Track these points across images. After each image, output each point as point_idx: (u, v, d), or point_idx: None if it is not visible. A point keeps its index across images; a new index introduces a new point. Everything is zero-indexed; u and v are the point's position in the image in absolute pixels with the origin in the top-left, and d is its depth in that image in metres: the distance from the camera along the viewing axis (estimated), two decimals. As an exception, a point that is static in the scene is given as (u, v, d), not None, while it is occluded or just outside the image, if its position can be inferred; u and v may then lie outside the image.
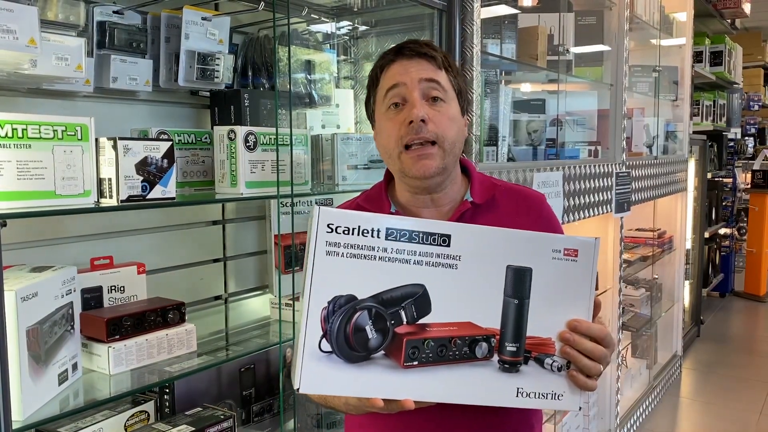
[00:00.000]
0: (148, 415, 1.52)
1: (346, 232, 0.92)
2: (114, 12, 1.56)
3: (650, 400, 3.86)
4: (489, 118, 2.35)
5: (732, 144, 6.53)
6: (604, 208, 2.98)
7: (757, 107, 7.15)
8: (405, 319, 0.94)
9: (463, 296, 0.97)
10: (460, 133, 1.20)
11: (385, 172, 1.29)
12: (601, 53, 3.18)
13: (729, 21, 5.79)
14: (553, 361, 1.00)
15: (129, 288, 1.59)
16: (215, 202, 1.85)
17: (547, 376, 1.00)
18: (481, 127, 2.22)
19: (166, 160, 1.39)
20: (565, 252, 1.00)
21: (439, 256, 0.95)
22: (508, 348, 0.98)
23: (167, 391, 1.55)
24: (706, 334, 5.36)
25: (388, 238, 0.93)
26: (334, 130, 2.05)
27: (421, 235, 0.95)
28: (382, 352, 0.94)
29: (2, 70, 1.23)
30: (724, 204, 6.52)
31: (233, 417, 1.48)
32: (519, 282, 0.98)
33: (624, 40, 3.12)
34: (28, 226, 1.49)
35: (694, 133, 4.90)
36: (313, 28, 2.17)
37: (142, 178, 1.35)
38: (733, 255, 6.82)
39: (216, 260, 1.94)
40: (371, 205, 1.24)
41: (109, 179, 1.32)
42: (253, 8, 1.74)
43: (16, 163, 1.18)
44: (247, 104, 1.75)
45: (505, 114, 2.41)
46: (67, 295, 1.30)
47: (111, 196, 1.32)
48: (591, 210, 2.83)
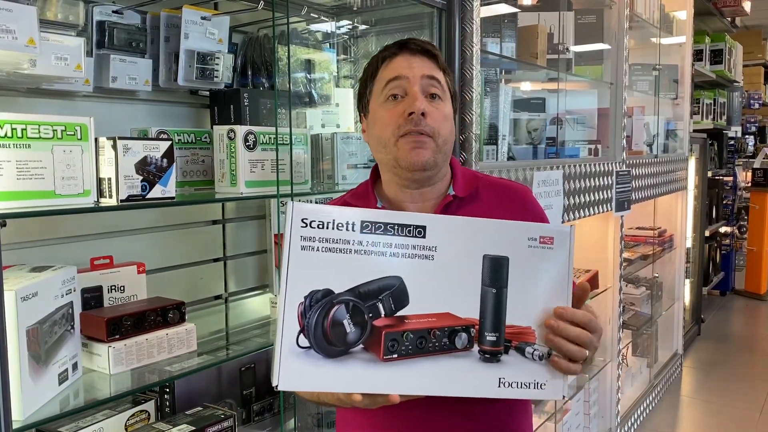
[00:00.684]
0: (149, 415, 1.53)
1: (321, 227, 0.92)
2: (113, 12, 1.56)
3: (651, 398, 3.86)
4: (489, 117, 2.35)
5: (732, 142, 6.53)
6: (605, 206, 2.98)
7: (757, 105, 7.14)
8: (383, 312, 0.94)
9: (441, 287, 0.96)
10: (452, 133, 1.23)
11: (372, 169, 1.30)
12: (601, 52, 3.18)
13: (729, 19, 5.78)
14: (534, 350, 0.99)
15: (129, 288, 1.59)
16: (215, 201, 1.85)
17: (529, 365, 0.99)
18: (481, 125, 2.21)
19: (165, 160, 1.39)
20: (541, 240, 1.00)
21: (415, 247, 0.95)
22: (488, 338, 0.98)
23: (167, 390, 1.55)
24: (707, 333, 5.35)
25: (363, 231, 0.93)
26: (334, 130, 2.05)
27: (397, 227, 0.94)
28: (361, 346, 0.94)
29: (2, 69, 1.23)
30: (724, 202, 6.52)
31: (233, 416, 1.48)
32: (496, 271, 0.98)
33: (624, 39, 3.12)
34: (28, 226, 1.49)
35: (695, 131, 4.89)
36: (313, 27, 2.17)
37: (141, 178, 1.35)
38: (734, 253, 6.82)
39: (216, 260, 1.94)
40: (358, 202, 1.25)
41: (109, 179, 1.32)
42: (253, 7, 1.74)
43: (16, 163, 1.18)
44: (246, 103, 1.75)
45: (505, 113, 2.41)
46: (67, 294, 1.30)
47: (111, 196, 1.32)
48: (591, 209, 2.83)
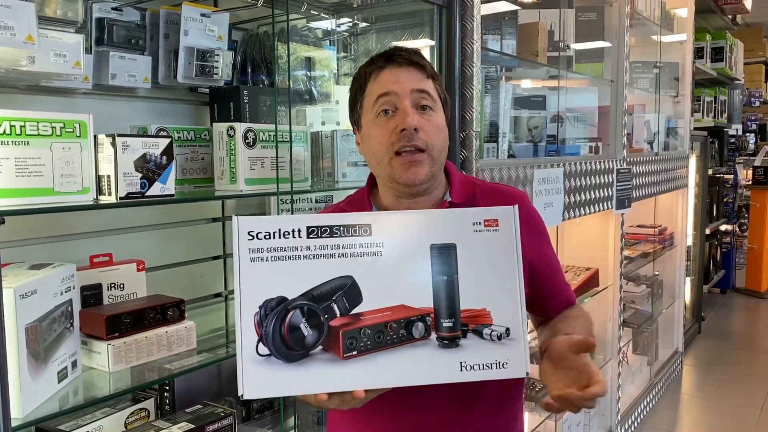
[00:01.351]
0: (148, 413, 1.52)
1: (267, 237, 0.95)
2: (113, 8, 1.56)
3: (651, 396, 3.86)
4: (489, 115, 2.34)
5: (733, 140, 6.52)
6: (605, 204, 2.97)
7: (758, 103, 7.13)
8: (338, 312, 0.97)
9: (393, 281, 0.98)
10: (446, 142, 1.23)
11: (369, 176, 1.30)
12: (602, 49, 3.17)
13: (730, 17, 5.77)
14: (492, 330, 1.01)
15: (128, 285, 1.58)
16: (215, 199, 1.85)
17: (488, 346, 1.00)
18: (482, 123, 2.21)
19: (165, 157, 1.39)
20: (486, 223, 1.03)
21: (362, 246, 0.98)
22: (445, 324, 1.00)
23: (167, 388, 1.55)
24: (707, 331, 5.35)
25: (310, 236, 0.96)
26: (334, 127, 2.05)
27: (342, 229, 0.97)
28: (321, 348, 0.96)
29: (0, 66, 1.23)
30: (725, 200, 6.51)
31: (233, 414, 1.48)
32: (445, 259, 1.00)
33: (625, 36, 3.11)
34: (27, 224, 1.48)
35: (695, 129, 4.89)
36: (313, 24, 2.17)
37: (141, 175, 1.34)
38: (734, 251, 6.81)
39: (216, 257, 1.94)
40: (353, 208, 1.26)
41: (108, 176, 1.31)
42: (253, 4, 1.74)
43: (15, 160, 1.18)
44: (246, 101, 1.75)
45: (505, 110, 2.40)
46: (66, 292, 1.30)
47: (110, 194, 1.32)
48: (592, 207, 2.83)
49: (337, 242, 0.97)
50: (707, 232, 5.55)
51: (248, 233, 0.94)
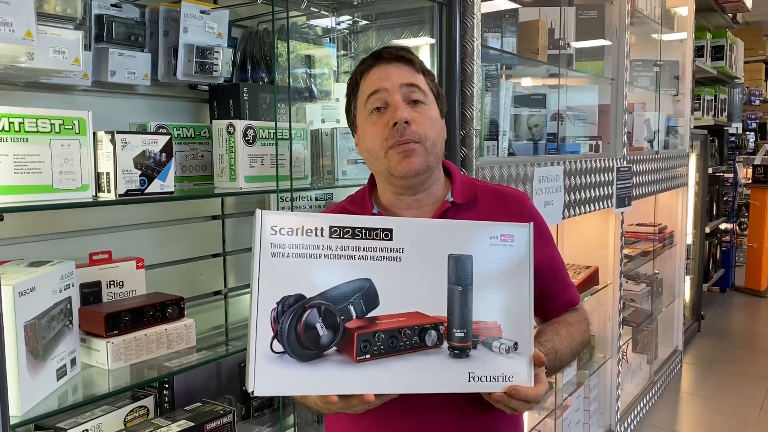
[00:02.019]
0: (148, 410, 1.52)
1: (290, 233, 0.94)
2: (112, 5, 1.55)
3: (651, 395, 3.86)
4: (489, 113, 2.34)
5: (733, 139, 6.52)
6: (605, 203, 2.97)
7: (758, 102, 7.12)
8: (354, 314, 0.96)
9: (409, 287, 0.99)
10: (441, 134, 1.23)
11: (369, 176, 1.31)
12: (602, 48, 3.17)
13: (730, 15, 5.76)
14: (501, 344, 1.02)
15: (128, 283, 1.58)
16: (214, 196, 1.85)
17: (497, 359, 1.02)
18: (482, 121, 2.20)
19: (164, 154, 1.39)
20: (502, 237, 1.05)
21: (382, 250, 0.98)
22: (457, 334, 1.01)
23: (167, 386, 1.55)
24: (707, 330, 5.35)
25: (332, 236, 0.96)
26: (334, 125, 2.04)
27: (364, 231, 0.97)
28: (335, 348, 0.96)
29: (-1, 63, 1.22)
30: (725, 199, 6.51)
31: (233, 412, 1.48)
32: (461, 269, 1.01)
33: (625, 35, 3.11)
34: (26, 221, 1.48)
35: (695, 127, 4.88)
36: (313, 22, 2.16)
37: (140, 173, 1.34)
38: (734, 250, 6.81)
39: (215, 255, 1.94)
40: (355, 208, 1.27)
41: (107, 173, 1.31)
42: (252, 1, 1.73)
43: (13, 157, 1.17)
44: (246, 98, 1.74)
45: (505, 108, 2.40)
46: (65, 290, 1.30)
47: (109, 191, 1.31)
48: (592, 205, 2.82)
49: (358, 244, 0.97)
50: (707, 230, 5.55)
51: (272, 228, 0.93)
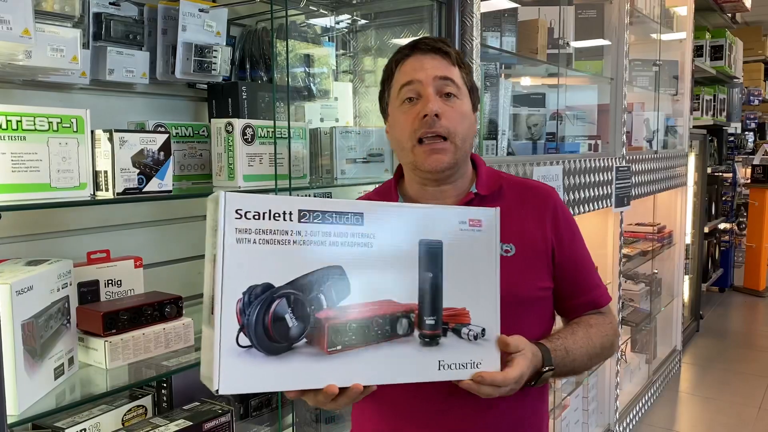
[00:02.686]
0: (146, 410, 1.52)
1: (257, 217, 0.87)
2: (110, 3, 1.55)
3: (649, 394, 3.86)
4: (489, 112, 2.34)
5: (732, 139, 6.52)
6: (604, 202, 2.97)
7: (757, 102, 7.13)
8: (325, 304, 0.91)
9: (380, 274, 0.95)
10: (471, 129, 1.22)
11: (397, 167, 1.31)
12: (602, 47, 3.17)
13: (729, 15, 5.77)
14: (470, 330, 1.01)
15: (126, 282, 1.58)
16: (213, 195, 1.84)
17: (465, 346, 1.00)
18: (481, 121, 2.20)
19: (162, 153, 1.38)
20: (471, 222, 1.03)
21: (353, 235, 0.93)
22: (427, 322, 0.98)
23: (165, 385, 1.54)
24: (706, 329, 5.36)
25: (302, 221, 0.90)
26: (333, 124, 2.04)
27: (335, 215, 0.92)
28: (304, 341, 0.90)
29: (-4, 61, 1.22)
30: (723, 199, 6.51)
31: (231, 411, 1.47)
32: (432, 256, 0.99)
33: (624, 34, 3.11)
34: (23, 219, 1.47)
35: (694, 127, 4.88)
36: (312, 21, 2.16)
37: (138, 171, 1.34)
38: (733, 250, 6.82)
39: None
40: (380, 197, 1.27)
41: (105, 172, 1.31)
42: (251, 0, 1.73)
43: (11, 156, 1.17)
44: (244, 97, 1.74)
45: (504, 108, 2.40)
46: (62, 288, 1.29)
47: (107, 189, 1.31)
48: (591, 204, 2.82)
49: (328, 229, 0.92)
50: (706, 230, 5.55)
51: (236, 211, 0.86)
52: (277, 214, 0.89)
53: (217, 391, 0.85)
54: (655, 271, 4.18)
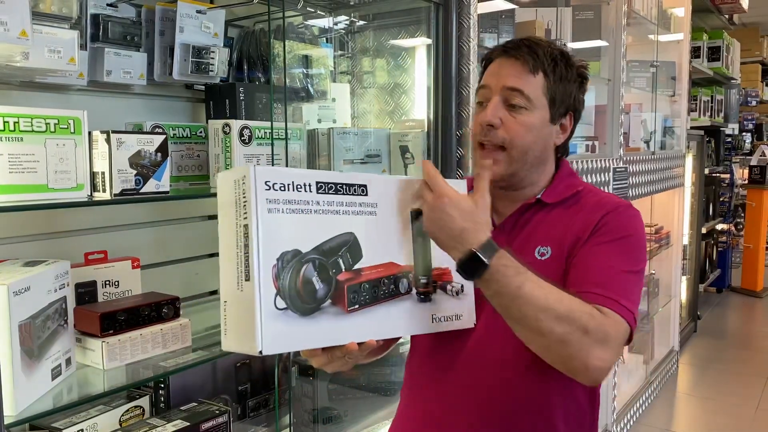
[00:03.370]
0: (143, 410, 1.52)
1: (283, 189, 0.94)
2: (108, 5, 1.55)
3: (647, 395, 3.87)
4: (486, 113, 2.34)
5: (729, 139, 6.54)
6: (602, 203, 2.97)
7: (754, 103, 7.15)
8: (343, 267, 1.00)
9: (384, 239, 1.06)
10: (537, 141, 1.19)
11: None
12: (599, 48, 3.17)
13: (727, 16, 5.78)
14: (452, 287, 1.13)
15: (123, 283, 1.58)
16: (210, 196, 1.83)
17: (450, 300, 1.13)
18: (478, 121, 2.20)
19: (159, 154, 1.38)
20: None
21: (361, 204, 1.03)
22: (422, 281, 1.10)
23: (162, 386, 1.54)
24: (703, 330, 5.36)
25: (319, 192, 0.99)
26: (331, 125, 2.05)
27: (345, 187, 1.02)
28: (329, 301, 0.98)
29: (-6, 62, 1.22)
30: (721, 199, 6.52)
31: (229, 412, 1.48)
32: (420, 222, 1.08)
33: (621, 35, 3.11)
34: (21, 220, 1.48)
35: (692, 128, 4.89)
36: (310, 22, 2.16)
37: (135, 172, 1.34)
38: (730, 250, 6.83)
39: (211, 255, 1.94)
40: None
41: (103, 173, 1.31)
42: (249, 1, 1.73)
43: (8, 157, 1.17)
44: (242, 98, 1.74)
45: (502, 109, 2.39)
46: (60, 289, 1.30)
47: (104, 190, 1.31)
48: (588, 205, 2.82)
49: (341, 199, 1.00)
50: (703, 231, 5.56)
51: (265, 183, 0.92)
52: (299, 186, 0.96)
53: (260, 352, 0.90)
54: (653, 272, 4.19)
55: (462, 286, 1.14)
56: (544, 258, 1.17)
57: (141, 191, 1.35)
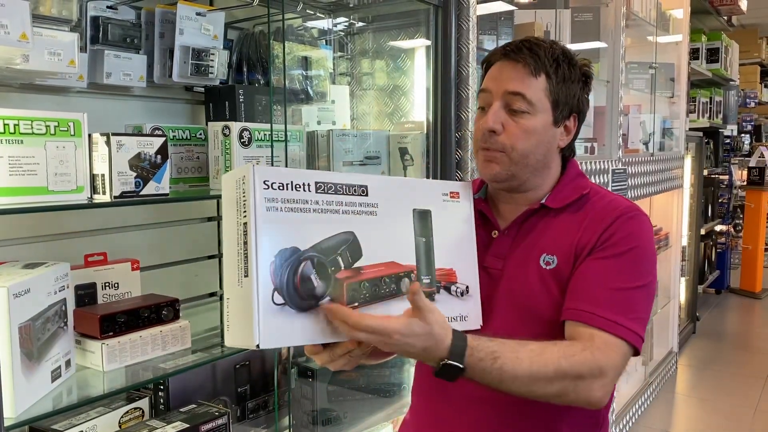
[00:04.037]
0: (143, 412, 1.52)
1: (281, 188, 0.96)
2: (108, 7, 1.55)
3: (646, 396, 3.87)
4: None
5: (728, 141, 6.54)
6: (601, 204, 2.97)
7: (753, 104, 7.16)
8: (342, 265, 1.01)
9: (384, 239, 1.07)
10: (541, 145, 1.17)
11: None
12: (598, 50, 3.18)
13: (725, 18, 5.79)
14: (457, 287, 1.13)
15: (123, 284, 1.58)
16: (210, 198, 1.84)
17: (454, 301, 1.13)
18: (477, 123, 2.20)
19: (159, 156, 1.39)
20: (451, 195, 1.17)
21: (360, 205, 1.04)
22: (424, 281, 1.10)
23: (162, 387, 1.55)
24: (702, 331, 5.37)
25: (318, 191, 1.00)
26: (330, 127, 2.05)
27: (344, 187, 1.03)
28: (328, 298, 0.99)
29: (-6, 64, 1.22)
30: (720, 201, 6.53)
31: (228, 414, 1.48)
32: (423, 223, 1.11)
33: (620, 37, 3.12)
34: (21, 222, 1.48)
35: (691, 129, 4.90)
36: (309, 24, 2.16)
37: (135, 174, 1.34)
38: (729, 252, 6.83)
39: (211, 257, 1.94)
40: (474, 187, 1.27)
41: (102, 175, 1.31)
42: (248, 4, 1.73)
43: (8, 159, 1.17)
44: (242, 100, 1.75)
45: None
46: (60, 291, 1.30)
47: (104, 192, 1.31)
48: (587, 207, 2.82)
49: (340, 199, 1.02)
50: (702, 232, 5.56)
51: (264, 182, 0.94)
52: (297, 186, 0.98)
53: (258, 345, 0.92)
54: (652, 273, 4.19)
55: (467, 287, 1.14)
56: (549, 267, 1.15)
57: (141, 193, 1.35)
